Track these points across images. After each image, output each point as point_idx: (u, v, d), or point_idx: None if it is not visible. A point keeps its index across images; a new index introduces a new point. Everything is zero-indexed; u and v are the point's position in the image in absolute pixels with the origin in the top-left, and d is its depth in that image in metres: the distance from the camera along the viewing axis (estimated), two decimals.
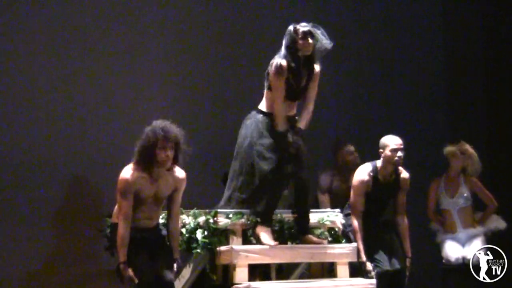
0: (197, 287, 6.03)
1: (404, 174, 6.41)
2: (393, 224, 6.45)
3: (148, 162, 5.25)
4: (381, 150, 6.28)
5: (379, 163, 6.31)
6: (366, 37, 8.78)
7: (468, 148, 7.18)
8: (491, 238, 7.11)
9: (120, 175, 5.28)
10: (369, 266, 6.08)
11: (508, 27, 8.90)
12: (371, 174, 6.29)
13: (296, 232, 6.00)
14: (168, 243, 5.48)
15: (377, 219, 6.37)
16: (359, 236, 6.19)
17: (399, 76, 8.93)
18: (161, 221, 5.58)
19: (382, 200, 6.40)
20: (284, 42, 5.84)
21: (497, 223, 7.16)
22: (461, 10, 9.14)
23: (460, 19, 9.14)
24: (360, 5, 8.83)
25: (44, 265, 6.93)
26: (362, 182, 6.29)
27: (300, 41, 5.77)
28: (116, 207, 5.37)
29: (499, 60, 8.94)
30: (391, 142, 6.25)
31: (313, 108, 5.97)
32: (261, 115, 5.90)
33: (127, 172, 5.28)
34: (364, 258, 6.10)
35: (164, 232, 5.50)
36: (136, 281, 5.14)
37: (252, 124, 5.90)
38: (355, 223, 6.23)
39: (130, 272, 5.15)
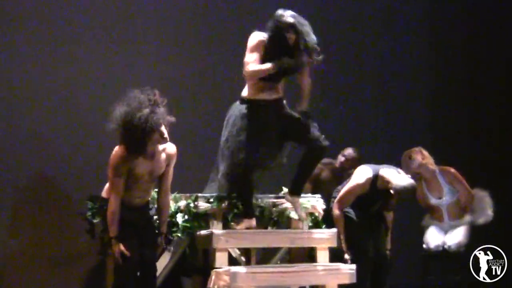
0: (177, 270, 6.08)
1: None
2: (382, 215, 6.47)
3: (140, 149, 5.15)
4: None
5: (382, 171, 6.18)
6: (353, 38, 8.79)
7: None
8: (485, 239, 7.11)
9: (113, 152, 5.19)
10: (347, 256, 6.11)
11: (493, 31, 8.91)
12: (370, 180, 6.19)
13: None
14: (155, 220, 5.48)
15: (368, 210, 6.34)
16: (341, 225, 6.20)
17: (382, 77, 8.92)
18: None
19: (375, 199, 6.33)
20: (269, 24, 5.62)
21: (484, 215, 7.17)
22: (447, 10, 9.13)
23: (446, 20, 9.12)
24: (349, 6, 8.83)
25: (24, 248, 6.90)
26: (359, 186, 6.24)
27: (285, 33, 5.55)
28: (107, 183, 5.33)
29: (481, 64, 8.94)
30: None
31: (309, 80, 5.77)
32: (243, 105, 5.74)
33: (120, 149, 5.18)
34: (344, 247, 6.15)
35: (152, 211, 5.50)
36: (128, 254, 5.13)
37: (232, 117, 5.75)
38: (338, 213, 6.24)
39: (121, 246, 5.15)
